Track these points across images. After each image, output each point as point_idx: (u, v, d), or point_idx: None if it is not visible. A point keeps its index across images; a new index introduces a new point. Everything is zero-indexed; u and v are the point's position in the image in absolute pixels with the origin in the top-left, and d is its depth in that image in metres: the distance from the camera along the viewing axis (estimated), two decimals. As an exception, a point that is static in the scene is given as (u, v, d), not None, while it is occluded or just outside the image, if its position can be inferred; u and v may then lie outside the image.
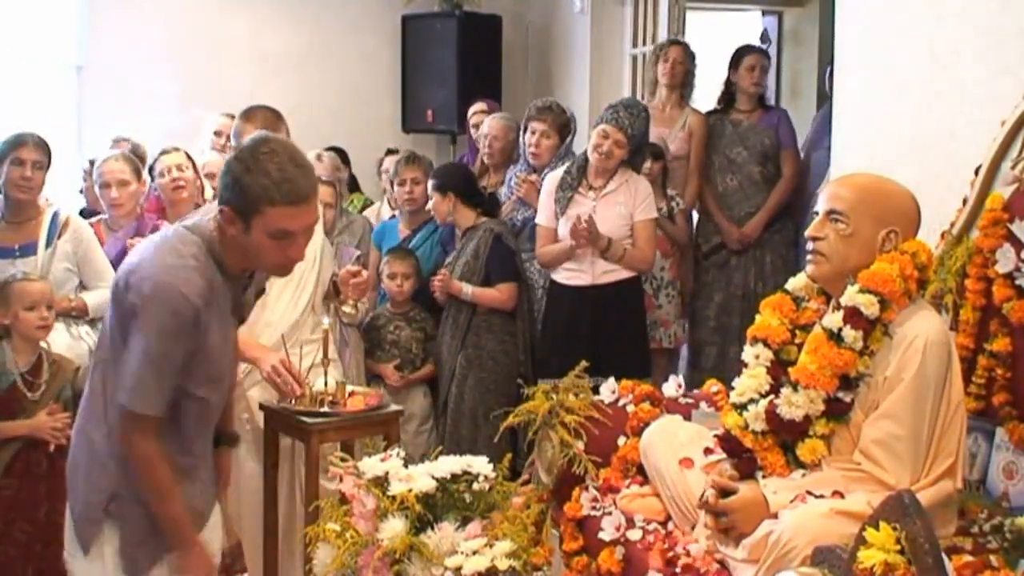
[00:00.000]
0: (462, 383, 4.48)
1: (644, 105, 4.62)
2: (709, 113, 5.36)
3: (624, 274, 4.37)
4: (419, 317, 4.70)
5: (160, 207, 4.34)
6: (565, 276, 4.42)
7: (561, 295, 4.45)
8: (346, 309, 4.42)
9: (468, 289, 4.45)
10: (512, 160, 5.10)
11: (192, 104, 5.95)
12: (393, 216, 5.14)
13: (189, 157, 4.38)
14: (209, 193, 4.48)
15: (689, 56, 5.34)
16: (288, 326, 3.61)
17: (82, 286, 3.89)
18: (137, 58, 6.07)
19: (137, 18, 6.09)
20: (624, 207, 4.34)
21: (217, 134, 5.11)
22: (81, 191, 4.85)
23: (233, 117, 5.08)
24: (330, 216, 4.64)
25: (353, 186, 5.96)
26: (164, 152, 4.34)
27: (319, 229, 3.77)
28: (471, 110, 5.58)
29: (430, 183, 4.60)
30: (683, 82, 5.31)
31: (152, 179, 4.34)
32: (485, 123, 5.20)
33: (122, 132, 5.07)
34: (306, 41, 6.54)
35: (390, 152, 5.61)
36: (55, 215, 3.87)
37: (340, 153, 5.66)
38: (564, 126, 4.78)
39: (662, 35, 5.97)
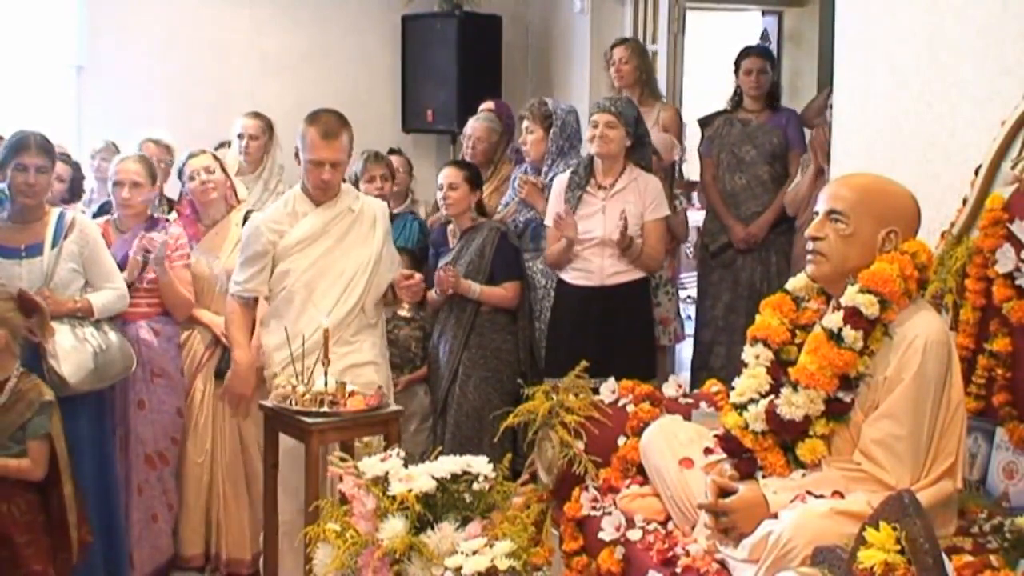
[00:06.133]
0: (465, 382, 4.47)
1: (626, 96, 4.67)
2: (717, 113, 5.36)
3: (632, 275, 4.38)
4: (417, 316, 4.70)
5: (194, 209, 4.35)
6: (573, 276, 4.42)
7: (569, 295, 4.45)
8: (401, 313, 4.45)
9: (476, 288, 4.45)
10: (493, 160, 5.13)
11: (192, 104, 5.96)
12: None
13: (216, 158, 4.37)
14: (243, 192, 4.47)
15: (635, 53, 5.31)
16: (331, 324, 3.62)
17: (88, 287, 3.89)
18: (137, 58, 6.06)
19: (137, 18, 6.08)
20: (634, 206, 4.34)
21: (240, 136, 5.09)
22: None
23: (256, 116, 5.11)
24: None
25: None
26: (191, 155, 4.32)
27: (380, 237, 3.85)
28: (480, 110, 5.57)
29: (461, 175, 4.55)
30: (636, 80, 5.28)
31: (182, 183, 4.35)
32: (468, 124, 5.21)
33: (124, 132, 5.04)
34: (306, 41, 6.54)
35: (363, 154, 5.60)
36: (61, 215, 3.86)
37: None
38: (545, 118, 4.82)
39: (662, 35, 5.98)
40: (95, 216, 4.35)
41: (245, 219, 4.27)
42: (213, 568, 4.28)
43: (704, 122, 5.44)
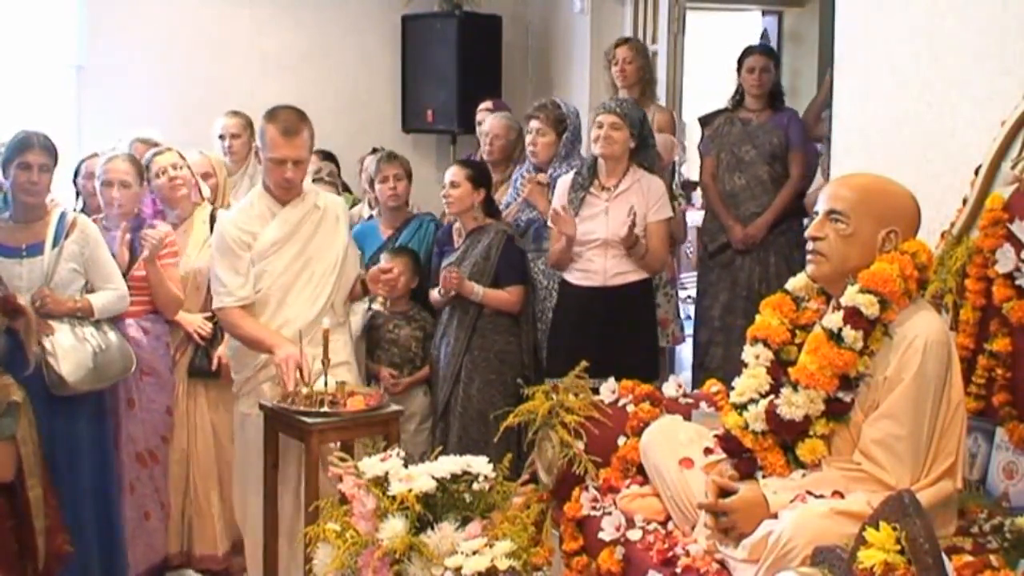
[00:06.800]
0: (469, 385, 4.45)
1: (631, 98, 4.70)
2: (718, 112, 5.36)
3: (635, 276, 4.37)
4: (418, 316, 4.69)
5: (156, 210, 4.33)
6: (577, 277, 4.41)
7: (572, 295, 4.44)
8: (375, 306, 4.43)
9: (479, 290, 4.43)
10: (512, 159, 5.11)
11: (192, 104, 5.95)
12: (370, 217, 5.11)
13: (182, 156, 4.37)
14: (207, 192, 4.46)
15: (639, 53, 5.34)
16: (304, 324, 3.61)
17: (88, 287, 3.89)
18: (137, 58, 6.07)
19: (137, 18, 6.09)
20: (637, 207, 4.34)
21: (221, 137, 5.10)
22: (78, 193, 4.77)
23: (237, 115, 5.12)
24: None
25: (344, 187, 5.91)
26: (157, 153, 4.32)
27: (344, 233, 3.81)
28: (479, 109, 5.58)
29: (463, 173, 4.51)
30: (639, 80, 5.29)
31: (148, 181, 4.32)
32: (486, 121, 5.19)
33: (124, 132, 4.99)
34: (306, 41, 6.54)
35: (374, 151, 5.59)
36: (62, 215, 3.86)
37: (327, 155, 5.63)
38: (560, 122, 4.79)
39: (662, 35, 5.98)
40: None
41: (212, 218, 4.27)
42: (182, 564, 4.28)
43: (704, 121, 5.44)
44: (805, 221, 5.31)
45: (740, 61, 5.28)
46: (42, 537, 3.38)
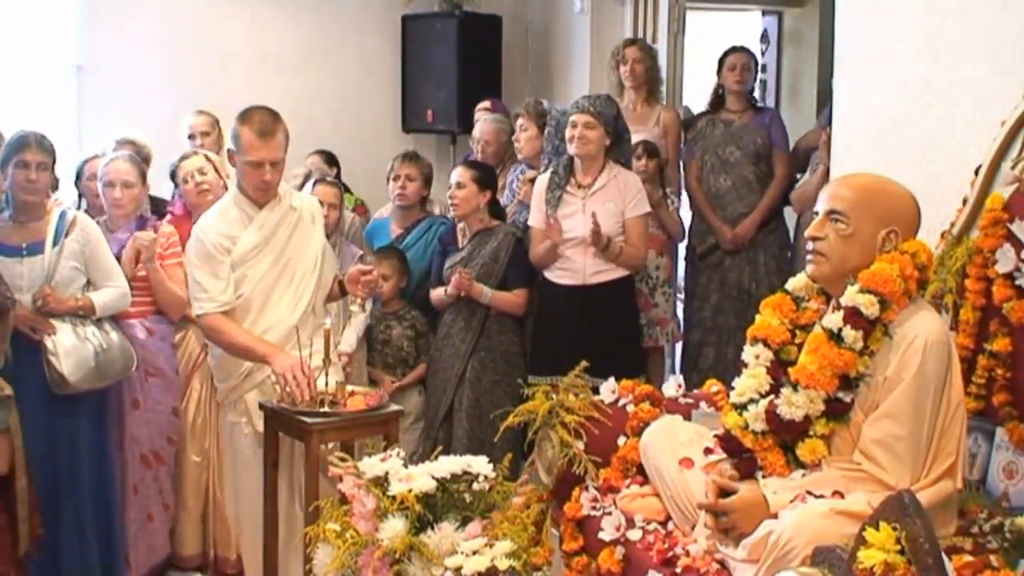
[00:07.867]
0: (476, 386, 4.45)
1: (605, 94, 4.68)
2: (700, 115, 5.37)
3: (615, 274, 4.38)
4: (409, 315, 4.70)
5: (187, 211, 4.33)
6: (557, 275, 4.43)
7: (552, 294, 4.46)
8: (353, 308, 4.41)
9: (488, 292, 4.43)
10: (504, 161, 5.12)
11: (192, 104, 5.94)
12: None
13: (208, 159, 4.38)
14: None
15: (648, 53, 5.35)
16: (287, 328, 3.59)
17: (90, 285, 3.89)
18: (137, 58, 6.07)
19: (137, 18, 6.09)
20: (614, 204, 4.34)
21: (191, 137, 5.11)
22: (80, 194, 4.76)
23: (203, 113, 5.14)
24: (334, 217, 4.62)
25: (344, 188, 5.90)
26: (184, 157, 4.38)
27: (320, 234, 3.77)
28: (478, 108, 5.58)
29: (470, 174, 4.51)
30: (647, 80, 5.30)
31: (176, 185, 4.35)
32: (476, 127, 5.21)
33: (123, 132, 5.03)
34: (306, 41, 6.54)
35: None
36: (63, 214, 3.87)
37: (328, 155, 5.63)
38: (540, 116, 4.84)
39: (662, 35, 5.98)
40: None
41: None
42: (200, 566, 4.29)
43: (687, 123, 5.45)
44: (785, 211, 5.33)
45: (721, 61, 5.31)
46: (24, 524, 3.41)
